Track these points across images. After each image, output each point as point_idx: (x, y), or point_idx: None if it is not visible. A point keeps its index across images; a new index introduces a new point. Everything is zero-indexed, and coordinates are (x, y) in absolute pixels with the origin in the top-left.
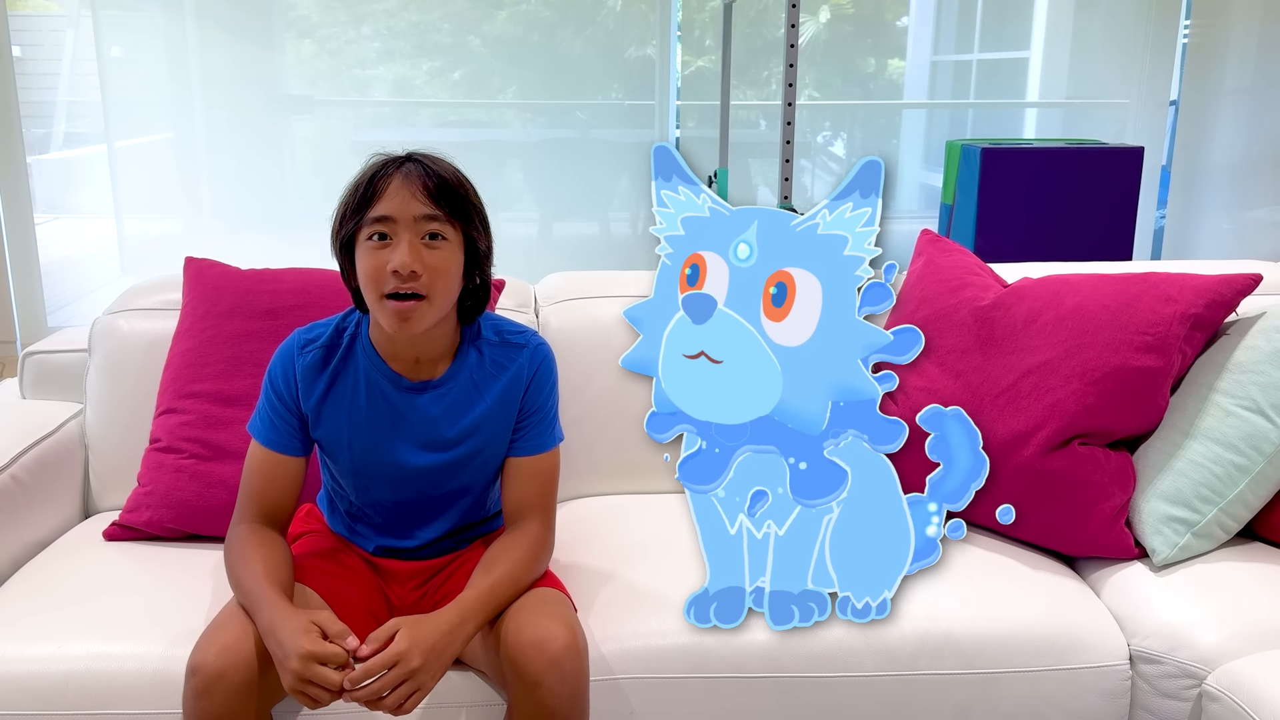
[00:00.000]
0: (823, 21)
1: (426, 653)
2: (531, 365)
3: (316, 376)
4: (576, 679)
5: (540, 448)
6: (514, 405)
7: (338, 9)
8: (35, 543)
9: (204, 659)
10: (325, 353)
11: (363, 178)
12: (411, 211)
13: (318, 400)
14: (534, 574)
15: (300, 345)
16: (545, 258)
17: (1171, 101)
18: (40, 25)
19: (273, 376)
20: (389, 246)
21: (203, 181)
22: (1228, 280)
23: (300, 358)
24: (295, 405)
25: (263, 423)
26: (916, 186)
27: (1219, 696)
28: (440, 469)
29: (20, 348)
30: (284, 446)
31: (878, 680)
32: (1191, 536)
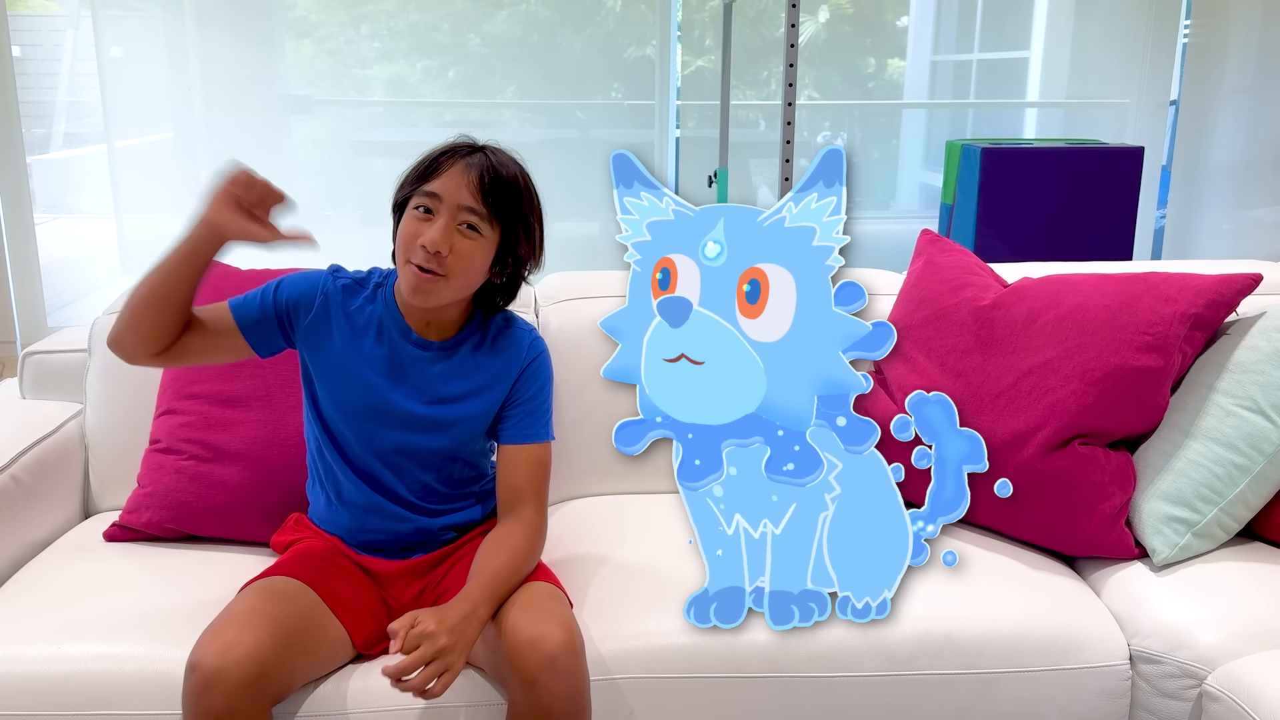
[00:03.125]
0: (822, 21)
1: (450, 631)
2: (529, 354)
3: (339, 301)
4: (573, 677)
5: (536, 437)
6: (505, 388)
7: (337, 9)
8: (35, 543)
9: (202, 656)
10: (355, 285)
11: (433, 151)
12: (457, 199)
13: (327, 321)
14: (532, 562)
15: (332, 270)
16: (545, 258)
17: (1171, 101)
18: (40, 25)
19: (283, 283)
20: (429, 221)
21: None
22: (1228, 280)
23: (330, 279)
24: (286, 313)
25: (243, 300)
26: (916, 186)
27: (1219, 696)
28: (422, 422)
29: (20, 348)
30: (244, 323)
31: (878, 680)
32: (1192, 536)
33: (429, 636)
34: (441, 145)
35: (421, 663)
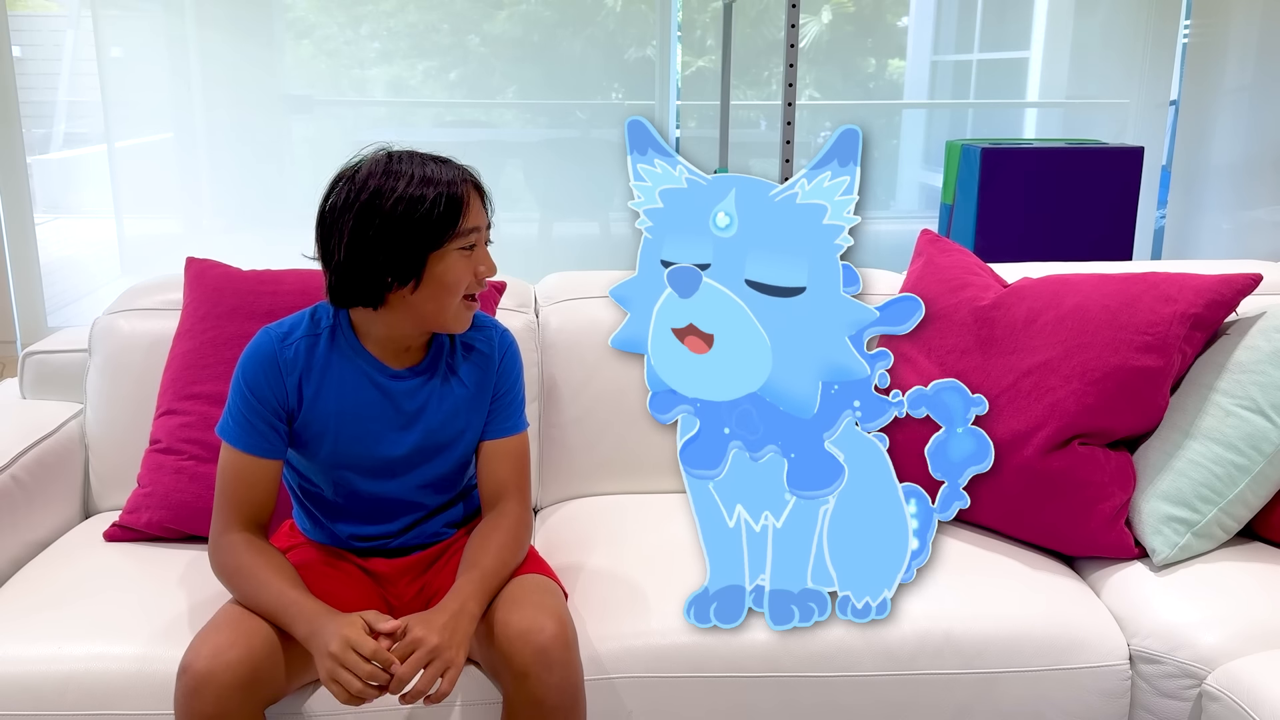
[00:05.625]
0: (825, 22)
1: (440, 630)
2: (501, 346)
3: (302, 368)
4: (565, 669)
5: (513, 429)
6: (488, 387)
7: (337, 9)
8: (35, 543)
9: (193, 660)
10: (308, 343)
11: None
12: (482, 220)
13: (304, 392)
14: (520, 554)
15: (279, 339)
16: (545, 258)
17: (1171, 101)
18: (40, 25)
19: (248, 376)
20: (472, 254)
21: (202, 181)
22: (1228, 280)
23: (282, 351)
24: (276, 403)
25: (238, 426)
26: (916, 186)
27: (1219, 696)
28: (423, 454)
29: (20, 348)
30: (263, 449)
31: (878, 680)
32: (1191, 536)
33: (419, 642)
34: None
35: (418, 668)
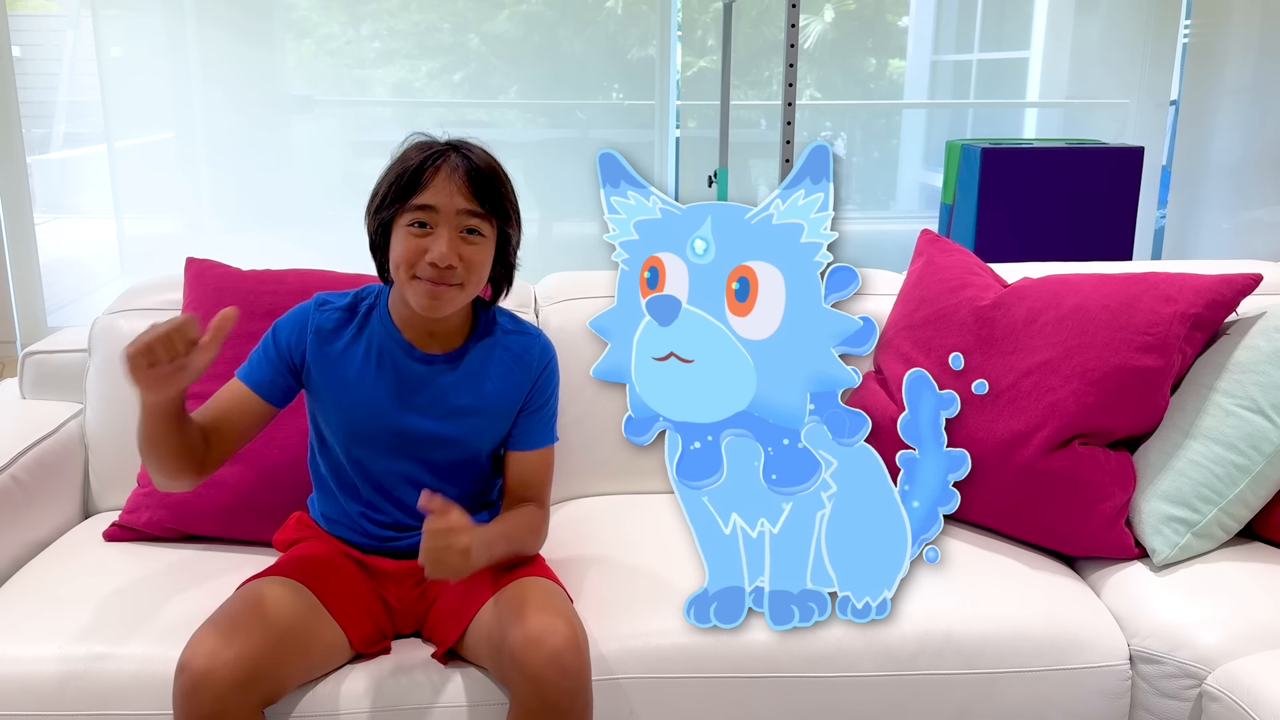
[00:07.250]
0: (828, 21)
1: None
2: (543, 358)
3: (330, 334)
4: (578, 673)
5: (544, 442)
6: (520, 393)
7: (338, 9)
8: (35, 543)
9: (191, 658)
10: (343, 314)
11: (408, 163)
12: (454, 205)
13: (325, 357)
14: (535, 544)
15: (318, 304)
16: (545, 258)
17: (1171, 101)
18: (40, 25)
19: (277, 328)
20: (428, 235)
21: (203, 181)
22: (1228, 280)
23: (316, 314)
24: (290, 357)
25: (249, 365)
26: (916, 186)
27: (1219, 696)
28: (435, 439)
29: (20, 348)
30: (260, 386)
31: (878, 680)
32: (1192, 536)
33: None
34: (409, 152)
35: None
